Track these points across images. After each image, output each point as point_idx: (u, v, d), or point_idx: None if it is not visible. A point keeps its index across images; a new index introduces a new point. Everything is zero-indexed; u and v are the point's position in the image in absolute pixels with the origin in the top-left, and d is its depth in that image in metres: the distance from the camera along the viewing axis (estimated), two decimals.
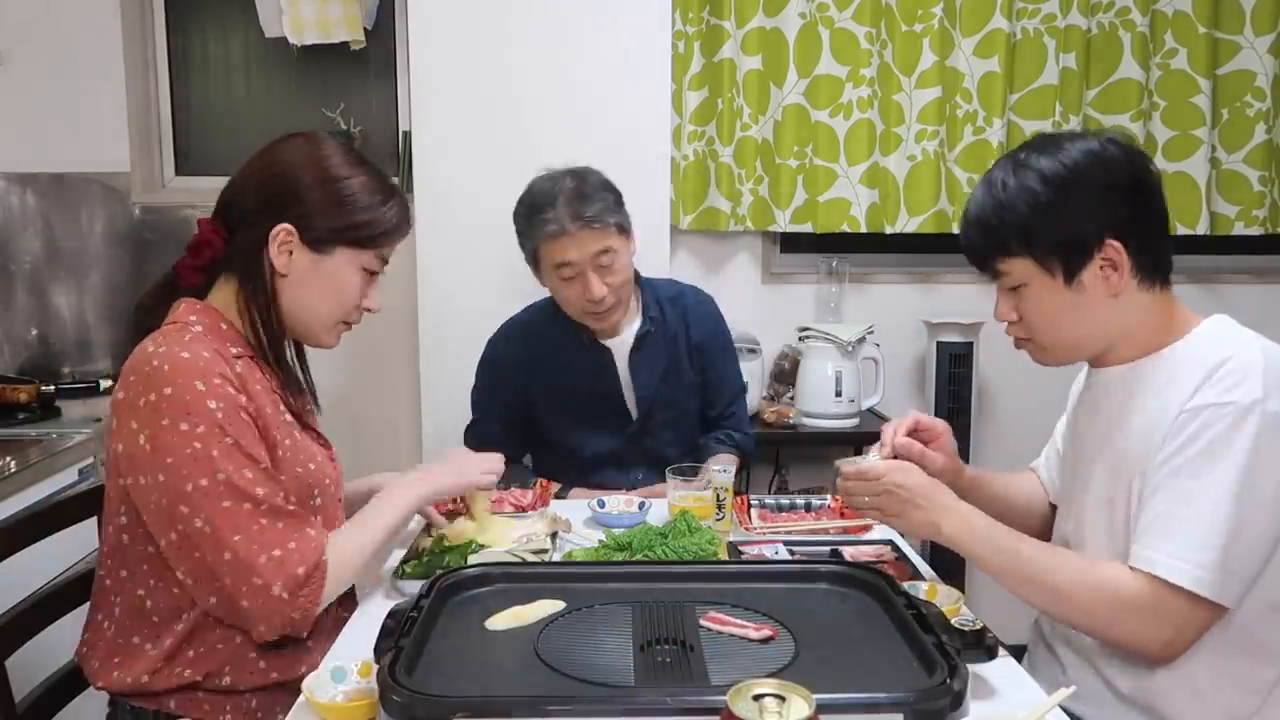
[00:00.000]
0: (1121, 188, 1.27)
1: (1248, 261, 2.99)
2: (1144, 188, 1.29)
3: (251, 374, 1.33)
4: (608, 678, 1.03)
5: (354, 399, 2.93)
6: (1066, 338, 1.34)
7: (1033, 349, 1.38)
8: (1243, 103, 2.82)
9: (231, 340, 1.34)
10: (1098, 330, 1.32)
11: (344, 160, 1.38)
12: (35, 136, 2.83)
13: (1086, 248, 1.27)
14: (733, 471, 1.75)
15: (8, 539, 1.36)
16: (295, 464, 1.35)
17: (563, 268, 1.98)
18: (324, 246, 1.37)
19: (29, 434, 2.26)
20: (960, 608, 1.30)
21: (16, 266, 2.87)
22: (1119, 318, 1.30)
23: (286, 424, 1.36)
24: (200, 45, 3.00)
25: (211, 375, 1.24)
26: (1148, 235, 1.29)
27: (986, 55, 2.76)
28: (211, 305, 1.36)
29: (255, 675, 1.30)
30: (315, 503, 1.37)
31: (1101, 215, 1.26)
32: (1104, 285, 1.28)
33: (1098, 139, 1.29)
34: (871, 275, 2.94)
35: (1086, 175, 1.27)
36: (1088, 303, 1.29)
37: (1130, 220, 1.27)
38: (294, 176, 1.35)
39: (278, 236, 1.34)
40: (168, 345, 1.26)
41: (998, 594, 1.38)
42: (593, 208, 1.95)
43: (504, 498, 1.90)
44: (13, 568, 1.33)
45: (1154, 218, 1.30)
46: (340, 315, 1.43)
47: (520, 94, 2.63)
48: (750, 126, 2.75)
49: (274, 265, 1.35)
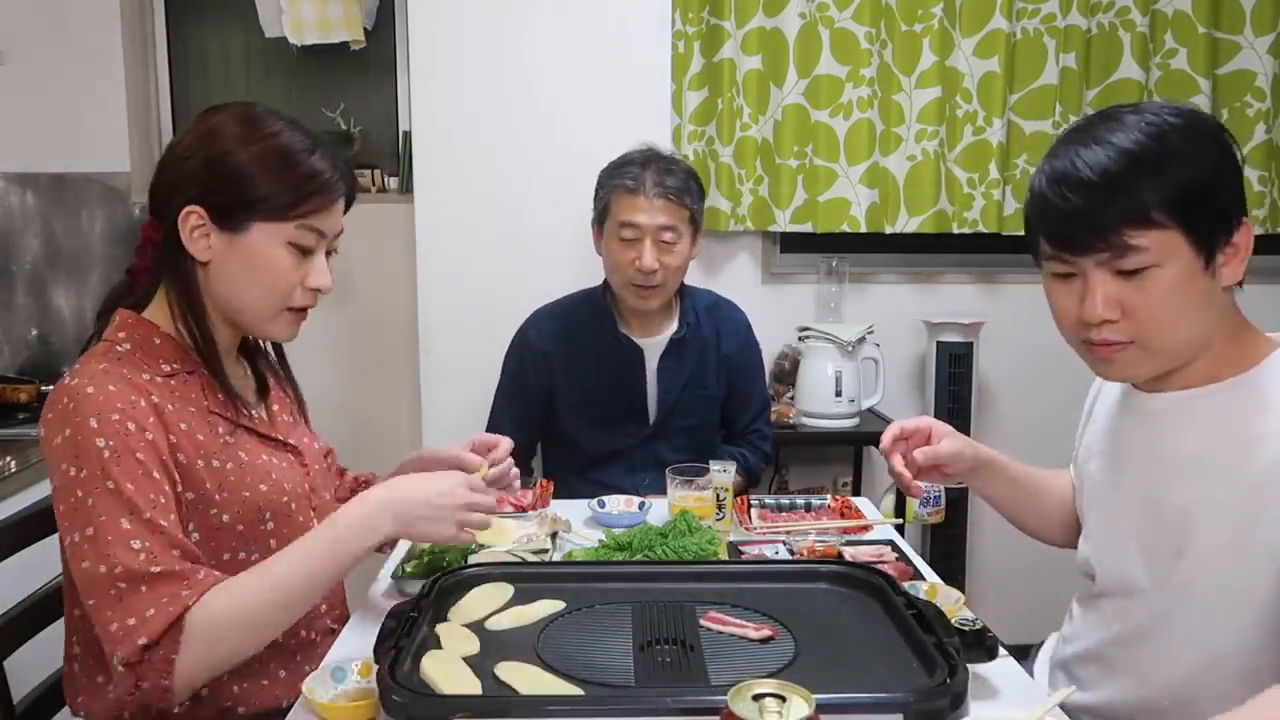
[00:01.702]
0: (1238, 165, 1.09)
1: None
2: (1241, 170, 1.10)
3: (186, 394, 1.25)
4: (608, 678, 1.03)
5: (354, 399, 2.93)
6: (1183, 337, 1.10)
7: (1128, 356, 1.12)
8: (1243, 103, 2.82)
9: (166, 356, 1.26)
10: (1206, 332, 1.11)
11: (247, 126, 1.25)
12: (35, 136, 2.83)
13: (1228, 225, 1.07)
14: (732, 471, 1.75)
15: (8, 539, 1.36)
16: (241, 487, 1.27)
17: (626, 228, 2.02)
18: (235, 224, 1.24)
19: (29, 434, 2.26)
20: (960, 608, 1.30)
21: (16, 266, 2.87)
22: (1220, 313, 1.12)
23: (228, 445, 1.27)
24: (200, 45, 3.00)
25: (109, 410, 1.15)
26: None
27: (986, 55, 2.76)
28: (146, 318, 1.28)
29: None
30: (266, 526, 1.29)
31: (1237, 189, 1.07)
32: (1227, 272, 1.09)
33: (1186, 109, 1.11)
34: (871, 275, 2.94)
35: (1221, 141, 1.08)
36: (1213, 294, 1.08)
37: (1243, 201, 1.09)
38: (193, 152, 1.24)
39: (188, 220, 1.23)
40: (79, 377, 1.18)
41: (998, 594, 1.38)
42: (677, 184, 2.02)
43: (504, 498, 1.90)
44: (13, 568, 1.33)
45: (1244, 204, 1.11)
46: (278, 300, 1.28)
47: (520, 94, 2.64)
48: (750, 126, 2.75)
49: (191, 253, 1.25)
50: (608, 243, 2.08)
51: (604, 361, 2.14)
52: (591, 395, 2.15)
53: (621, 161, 2.08)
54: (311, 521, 1.37)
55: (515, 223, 2.66)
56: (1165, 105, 1.10)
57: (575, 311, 2.20)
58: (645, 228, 2.00)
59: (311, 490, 1.40)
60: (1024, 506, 1.50)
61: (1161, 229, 1.04)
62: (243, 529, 1.27)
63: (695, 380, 2.16)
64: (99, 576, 1.11)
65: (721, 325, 2.21)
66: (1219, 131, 1.08)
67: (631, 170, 2.02)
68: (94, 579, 1.11)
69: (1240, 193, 1.07)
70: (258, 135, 1.25)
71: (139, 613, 1.09)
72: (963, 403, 2.74)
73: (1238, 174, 1.08)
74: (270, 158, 1.24)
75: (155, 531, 1.13)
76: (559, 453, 2.24)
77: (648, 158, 2.06)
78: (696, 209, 2.07)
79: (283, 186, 1.24)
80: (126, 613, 1.09)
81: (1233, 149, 1.08)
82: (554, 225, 2.59)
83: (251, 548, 1.29)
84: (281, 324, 1.31)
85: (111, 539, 1.11)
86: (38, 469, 2.07)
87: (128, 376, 1.20)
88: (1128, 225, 1.05)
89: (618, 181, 2.03)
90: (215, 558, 1.26)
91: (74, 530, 1.13)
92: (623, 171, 2.04)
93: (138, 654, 1.08)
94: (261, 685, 1.29)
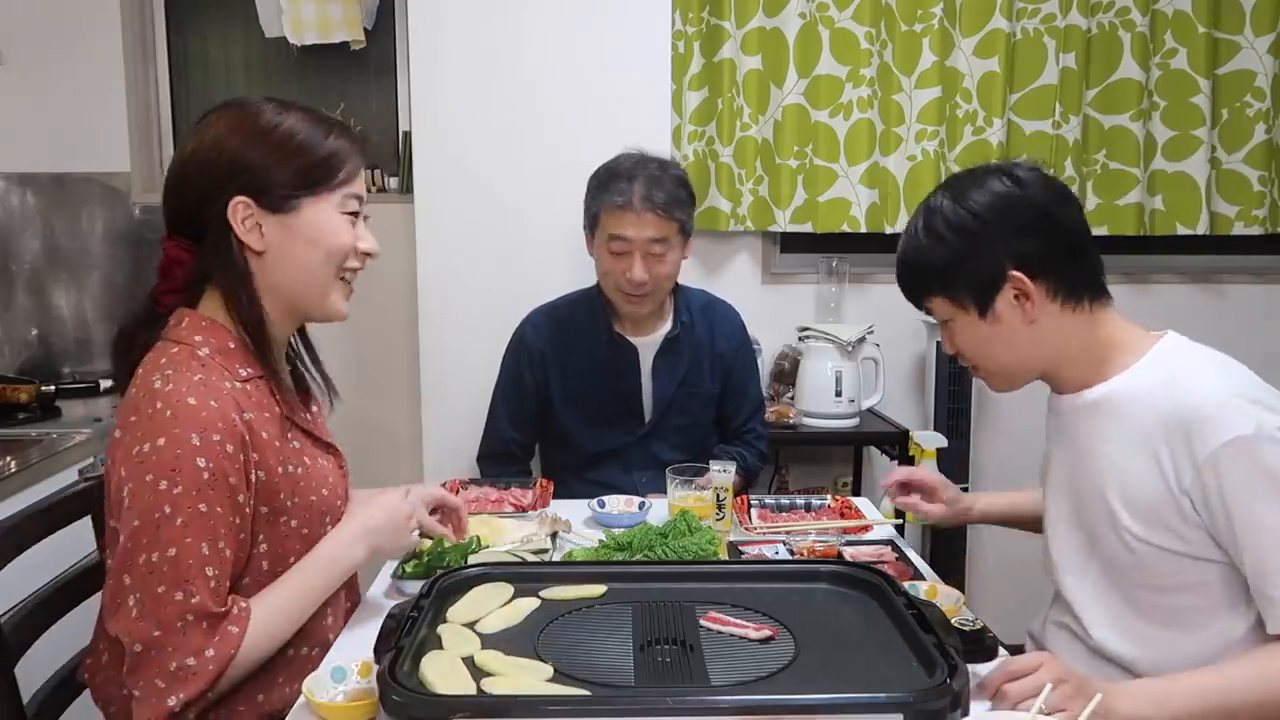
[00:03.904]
0: (1024, 224, 1.31)
1: (1248, 261, 2.99)
2: (1049, 218, 1.31)
3: (261, 400, 1.27)
4: (608, 678, 1.03)
5: (354, 400, 2.92)
6: (1001, 364, 1.39)
7: (982, 376, 1.44)
8: (1243, 103, 2.81)
9: (242, 361, 1.27)
10: (1026, 354, 1.36)
11: (267, 109, 1.28)
12: (35, 136, 2.83)
13: (994, 282, 1.32)
14: (733, 471, 1.75)
15: (8, 539, 1.36)
16: (309, 492, 1.29)
17: (615, 241, 2.02)
18: (288, 204, 1.26)
19: (29, 434, 2.26)
20: (960, 608, 1.30)
21: (16, 266, 2.87)
22: (1046, 339, 1.34)
23: (296, 450, 1.30)
24: (200, 45, 3.00)
25: (212, 430, 1.16)
26: (1056, 264, 1.31)
27: (986, 55, 2.76)
28: (214, 320, 1.27)
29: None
30: (325, 529, 1.32)
31: (1005, 252, 1.31)
32: (1020, 314, 1.32)
33: (1007, 175, 1.33)
34: (871, 275, 2.94)
35: (987, 219, 1.31)
36: (1008, 331, 1.34)
37: (1037, 252, 1.31)
38: (227, 146, 1.25)
39: (237, 212, 1.24)
40: (175, 383, 1.17)
41: (998, 594, 1.39)
42: (666, 196, 2.01)
43: (504, 498, 1.91)
44: (13, 568, 1.33)
45: (1064, 245, 1.32)
46: (337, 267, 1.32)
47: (520, 94, 2.64)
48: (750, 126, 2.75)
49: (246, 244, 1.25)
50: (598, 251, 2.09)
51: (598, 360, 2.15)
52: (587, 394, 2.16)
53: (609, 173, 2.06)
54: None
55: (515, 222, 2.66)
56: (970, 189, 1.34)
57: (571, 310, 2.21)
58: (635, 241, 2.01)
59: (347, 490, 1.43)
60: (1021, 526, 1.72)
61: (937, 296, 1.38)
62: (307, 532, 1.29)
63: (690, 378, 2.17)
64: (174, 603, 1.13)
65: (716, 324, 2.22)
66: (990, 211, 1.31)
67: (619, 185, 2.01)
68: (165, 604, 1.13)
69: (1011, 254, 1.30)
70: (275, 119, 1.27)
71: (198, 651, 1.13)
72: (963, 403, 2.74)
73: (1006, 241, 1.31)
74: (309, 127, 1.28)
75: (223, 562, 1.17)
76: (557, 452, 2.25)
77: (636, 168, 2.04)
78: (686, 219, 2.07)
79: (320, 159, 1.28)
80: (187, 650, 1.13)
81: (1007, 224, 1.31)
82: (554, 225, 2.59)
83: (309, 551, 1.31)
84: (339, 295, 1.35)
85: (193, 564, 1.14)
86: (38, 469, 2.06)
87: (224, 389, 1.20)
88: (919, 296, 1.42)
89: (606, 196, 2.03)
90: (282, 565, 1.28)
91: (153, 549, 1.13)
92: (612, 185, 2.02)
93: (198, 695, 1.13)
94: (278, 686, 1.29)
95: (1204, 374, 1.27)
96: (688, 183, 2.11)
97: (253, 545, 1.24)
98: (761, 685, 1.02)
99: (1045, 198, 1.32)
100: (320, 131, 1.29)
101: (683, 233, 2.07)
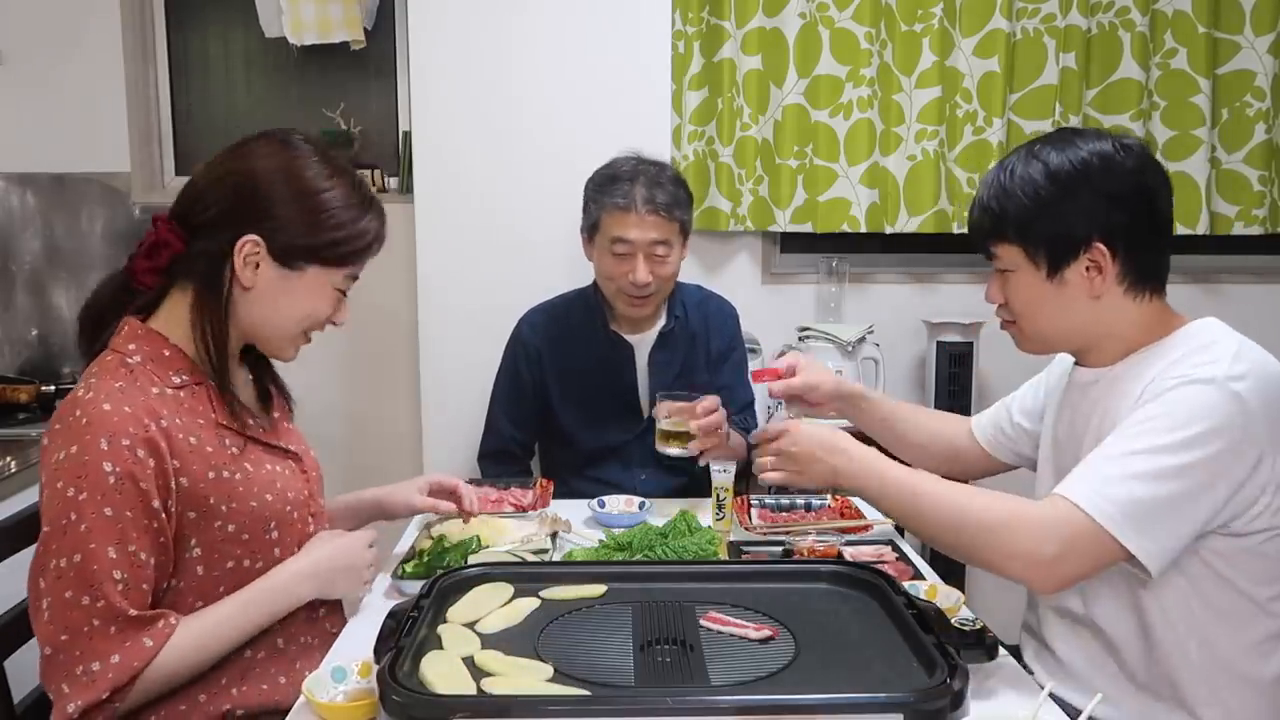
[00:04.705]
0: (1122, 195, 1.29)
1: (1248, 261, 2.99)
2: (1147, 197, 1.30)
3: (195, 406, 1.26)
4: (608, 678, 1.03)
5: (353, 400, 2.93)
6: (1043, 328, 1.38)
7: (1015, 333, 1.43)
8: (1242, 102, 2.81)
9: (176, 368, 1.26)
10: (1075, 326, 1.36)
11: (320, 170, 1.29)
12: (35, 136, 2.83)
13: (1074, 246, 1.30)
14: (733, 471, 1.75)
15: (8, 539, 1.36)
16: (249, 498, 1.28)
17: (618, 243, 2.02)
18: (295, 263, 1.28)
19: (29, 434, 2.26)
20: (960, 608, 1.30)
21: (16, 266, 2.87)
22: (1101, 319, 1.34)
23: (235, 457, 1.28)
24: (200, 45, 3.00)
25: (121, 435, 1.15)
26: (1141, 244, 1.30)
27: (986, 55, 2.75)
28: (154, 330, 1.27)
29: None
30: (271, 535, 1.30)
31: (1095, 218, 1.29)
32: (1086, 285, 1.31)
33: (1115, 141, 1.32)
34: (871, 275, 2.94)
35: (1089, 176, 1.29)
36: (1067, 298, 1.33)
37: (1125, 227, 1.30)
38: (265, 185, 1.25)
39: (243, 249, 1.25)
40: (95, 390, 1.18)
41: (998, 594, 1.39)
42: (667, 198, 2.02)
43: (504, 497, 1.91)
44: (13, 568, 1.33)
45: (1152, 228, 1.31)
46: (306, 328, 1.35)
47: (520, 94, 2.64)
48: (750, 126, 2.75)
49: (238, 278, 1.26)
50: (599, 255, 2.09)
51: (594, 357, 2.16)
52: (584, 391, 2.16)
53: (609, 175, 2.07)
54: (310, 528, 1.38)
55: (515, 223, 2.66)
56: (1078, 143, 1.32)
57: (567, 309, 2.22)
58: (638, 243, 2.01)
59: (310, 496, 1.40)
60: (896, 439, 1.79)
61: (1010, 243, 1.35)
62: (248, 538, 1.28)
63: (686, 373, 2.17)
64: (80, 608, 1.13)
65: (710, 319, 2.23)
66: (1094, 170, 1.29)
67: (621, 187, 2.02)
68: (72, 608, 1.13)
69: (1100, 222, 1.29)
70: (336, 180, 1.29)
71: (104, 656, 1.12)
72: (963, 403, 2.73)
73: (1100, 206, 1.29)
74: (347, 205, 1.29)
75: (136, 565, 1.16)
76: (556, 451, 2.25)
77: (636, 170, 2.04)
78: (686, 219, 2.08)
79: (350, 235, 1.30)
80: (93, 654, 1.12)
81: (1106, 188, 1.29)
82: (554, 225, 2.59)
83: (256, 556, 1.30)
84: (294, 350, 1.37)
85: (98, 568, 1.13)
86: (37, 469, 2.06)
87: (141, 396, 1.20)
88: (989, 239, 1.38)
89: (607, 199, 2.03)
90: (219, 568, 1.27)
91: (61, 555, 1.14)
92: (612, 188, 2.03)
93: (95, 702, 1.12)
94: (261, 689, 1.29)
95: (1231, 335, 1.28)
96: (685, 184, 2.11)
97: (183, 549, 1.23)
98: (761, 685, 1.02)
99: (1149, 175, 1.31)
100: (357, 212, 1.31)
101: (683, 233, 2.08)
